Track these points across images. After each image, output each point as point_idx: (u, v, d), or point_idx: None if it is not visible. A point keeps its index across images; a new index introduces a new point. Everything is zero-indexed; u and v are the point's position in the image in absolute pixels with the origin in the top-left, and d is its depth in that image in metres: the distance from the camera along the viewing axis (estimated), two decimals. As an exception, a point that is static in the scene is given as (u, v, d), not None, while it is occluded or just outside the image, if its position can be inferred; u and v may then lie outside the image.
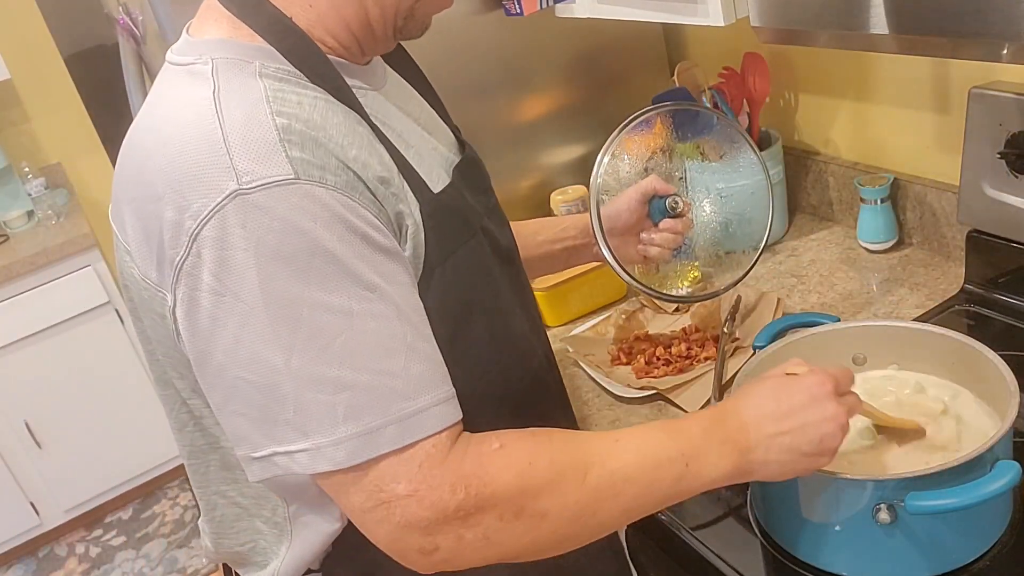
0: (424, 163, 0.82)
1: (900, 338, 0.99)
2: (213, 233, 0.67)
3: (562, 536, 0.75)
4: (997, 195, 1.19)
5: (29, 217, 2.87)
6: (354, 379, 0.68)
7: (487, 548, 0.72)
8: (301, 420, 0.68)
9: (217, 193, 0.66)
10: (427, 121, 0.91)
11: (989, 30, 0.76)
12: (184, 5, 0.81)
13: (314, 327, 0.67)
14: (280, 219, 0.66)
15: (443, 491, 0.70)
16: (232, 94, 0.70)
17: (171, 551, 2.84)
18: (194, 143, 0.69)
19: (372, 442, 0.69)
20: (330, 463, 0.69)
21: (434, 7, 0.84)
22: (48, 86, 2.99)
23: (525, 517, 0.72)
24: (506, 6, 1.51)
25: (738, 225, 1.28)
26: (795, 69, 1.56)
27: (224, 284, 0.67)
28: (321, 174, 0.69)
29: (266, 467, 0.72)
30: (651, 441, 0.78)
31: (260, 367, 0.68)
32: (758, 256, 1.24)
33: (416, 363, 0.71)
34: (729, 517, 1.00)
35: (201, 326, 0.70)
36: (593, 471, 0.74)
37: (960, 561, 0.84)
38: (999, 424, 0.83)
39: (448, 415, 0.72)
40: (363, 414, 0.68)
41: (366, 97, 0.80)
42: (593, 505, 0.74)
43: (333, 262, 0.68)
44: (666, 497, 0.78)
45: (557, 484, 0.73)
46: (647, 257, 1.17)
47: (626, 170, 1.20)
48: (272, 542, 0.88)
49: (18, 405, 2.72)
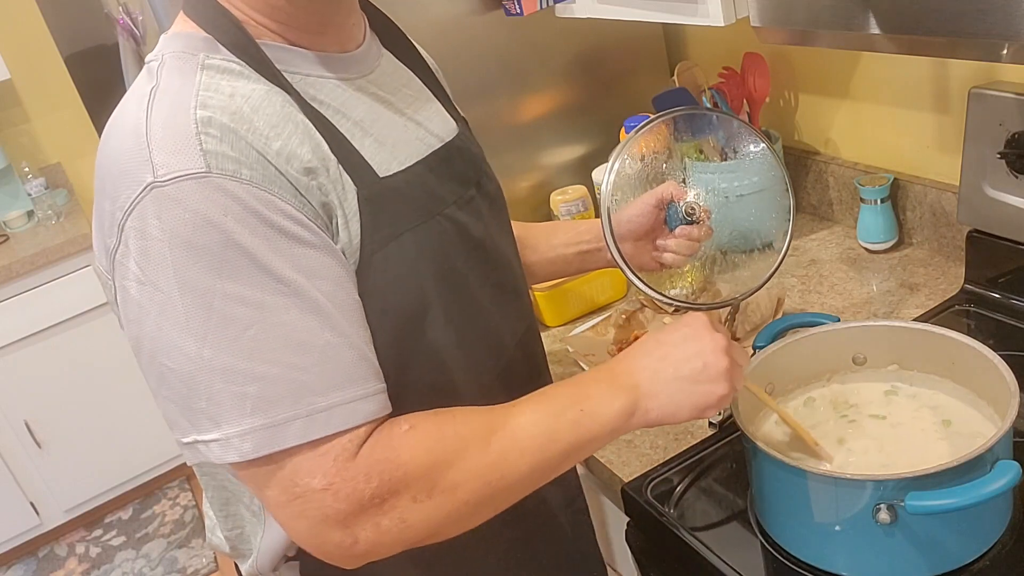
0: (385, 150, 0.82)
1: (900, 338, 0.99)
2: (135, 224, 0.69)
3: (476, 504, 0.75)
4: (997, 195, 1.19)
5: (29, 217, 2.88)
6: (264, 371, 0.69)
7: (405, 531, 0.73)
8: (213, 410, 0.69)
9: (137, 185, 0.68)
10: (419, 109, 0.90)
11: (989, 30, 0.76)
12: (184, 5, 0.82)
13: (225, 318, 0.68)
14: (192, 211, 0.67)
15: (358, 482, 0.70)
16: (168, 91, 0.73)
17: (171, 551, 2.84)
18: (125, 137, 0.71)
19: (278, 435, 0.69)
20: (237, 454, 0.70)
21: None
22: (48, 86, 2.99)
23: (437, 493, 0.73)
24: (506, 6, 1.51)
25: (753, 224, 1.27)
26: (795, 69, 1.56)
27: (146, 274, 0.69)
28: (236, 168, 0.69)
29: (193, 453, 0.73)
30: (545, 395, 0.81)
31: (178, 355, 0.69)
32: (782, 259, 1.19)
33: (332, 359, 0.71)
34: (729, 517, 1.00)
35: (131, 314, 0.72)
36: (496, 434, 0.76)
37: (960, 561, 0.84)
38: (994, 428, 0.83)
39: (363, 412, 0.73)
40: (271, 407, 0.69)
41: (323, 86, 0.81)
42: (500, 466, 0.75)
43: (245, 255, 0.69)
44: (570, 446, 0.79)
45: (463, 453, 0.74)
46: (662, 264, 1.15)
47: (637, 171, 1.19)
48: (254, 530, 0.89)
49: (18, 405, 2.72)
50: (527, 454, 0.76)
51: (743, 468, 0.97)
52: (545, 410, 0.79)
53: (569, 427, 0.78)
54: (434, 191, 0.86)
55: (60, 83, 2.86)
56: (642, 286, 1.13)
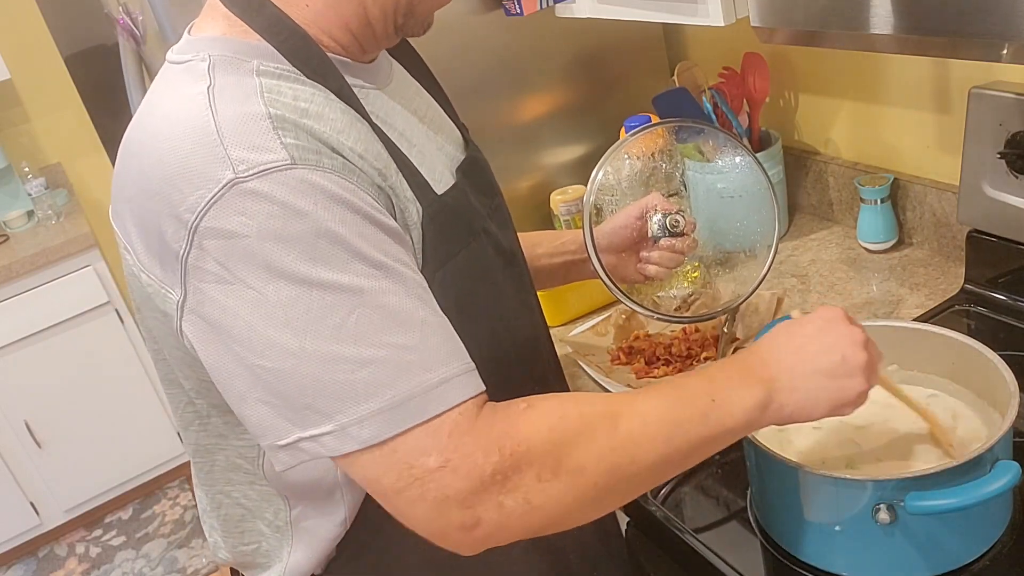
0: (427, 163, 0.82)
1: (900, 338, 0.99)
2: (213, 223, 0.66)
3: (603, 490, 0.72)
4: (997, 195, 1.19)
5: (29, 217, 2.88)
6: (372, 355, 0.67)
7: (530, 514, 0.69)
8: (323, 402, 0.67)
9: (214, 184, 0.66)
10: (433, 119, 0.90)
11: (989, 30, 0.76)
12: (184, 5, 0.82)
13: (325, 307, 0.67)
14: (280, 203, 0.66)
15: (476, 457, 0.68)
16: (226, 89, 0.70)
17: (171, 551, 2.84)
18: (188, 137, 0.68)
19: (397, 417, 0.67)
20: (356, 442, 0.67)
21: (435, 3, 0.83)
22: (48, 86, 2.99)
23: (563, 473, 0.70)
24: (506, 6, 1.51)
25: (740, 226, 1.27)
26: (795, 69, 1.56)
27: (232, 272, 0.67)
28: (317, 158, 0.68)
29: (294, 454, 0.70)
30: (673, 386, 0.77)
31: (276, 353, 0.67)
32: (763, 276, 1.21)
33: (432, 336, 0.70)
34: (729, 517, 1.00)
35: (214, 317, 0.69)
36: (623, 418, 0.73)
37: (960, 561, 0.84)
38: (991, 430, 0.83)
39: (471, 384, 0.71)
40: (385, 390, 0.67)
41: (368, 96, 0.80)
42: (630, 450, 0.72)
43: (338, 242, 0.67)
44: (700, 438, 0.75)
45: (589, 434, 0.71)
46: (646, 276, 1.14)
47: (627, 174, 1.19)
48: (274, 545, 0.88)
49: (18, 405, 2.72)
50: (657, 441, 0.73)
51: (743, 468, 0.97)
52: (674, 397, 0.75)
53: (699, 417, 0.74)
54: (474, 206, 0.85)
55: (60, 83, 2.86)
56: (623, 298, 1.12)
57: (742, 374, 0.77)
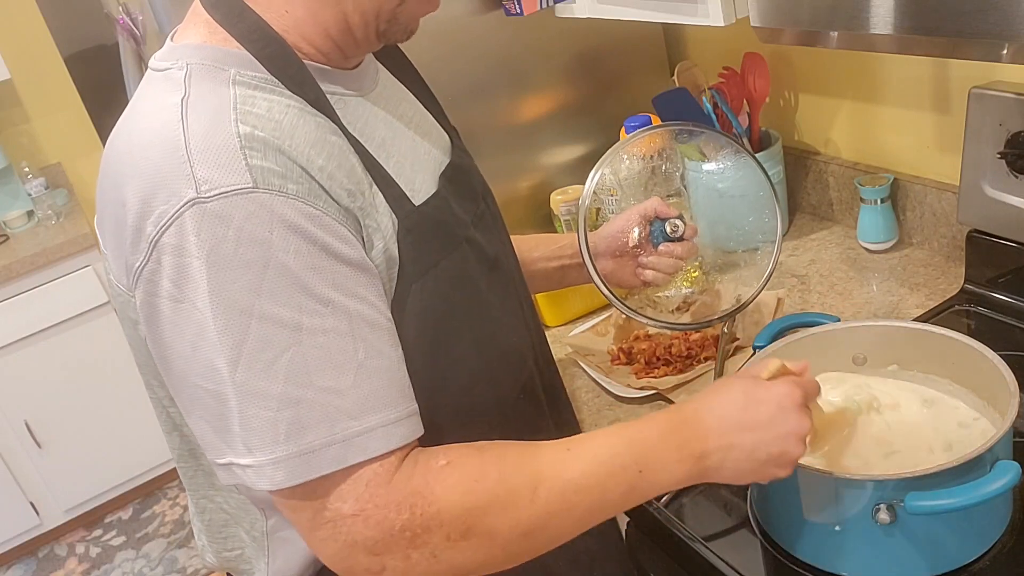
0: (407, 172, 0.81)
1: (900, 338, 0.99)
2: (172, 240, 0.67)
3: (514, 552, 0.74)
4: (997, 195, 1.19)
5: (29, 217, 2.87)
6: (299, 396, 0.67)
7: (435, 566, 0.71)
8: (245, 435, 0.68)
9: (177, 200, 0.66)
10: (420, 124, 0.89)
11: (989, 30, 0.76)
12: (184, 5, 0.82)
13: (261, 340, 0.67)
14: (236, 228, 0.66)
15: (389, 510, 0.69)
16: (200, 100, 0.70)
17: (171, 551, 2.84)
18: (158, 149, 0.69)
19: (313, 463, 0.68)
20: (270, 482, 0.68)
21: (419, 10, 0.81)
22: (48, 86, 2.99)
23: (473, 536, 0.71)
24: (506, 6, 1.51)
25: (740, 227, 1.27)
26: (795, 69, 1.56)
27: (183, 291, 0.67)
28: (282, 183, 0.68)
29: (227, 475, 0.71)
30: (605, 449, 0.77)
31: (213, 376, 0.68)
32: (762, 286, 1.20)
33: (367, 381, 0.70)
34: (729, 517, 1.00)
35: (163, 332, 0.70)
36: (544, 486, 0.73)
37: (960, 561, 0.84)
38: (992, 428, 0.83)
39: (398, 436, 0.71)
40: (305, 433, 0.67)
41: (347, 105, 0.79)
42: (544, 520, 0.73)
43: (286, 275, 0.67)
44: (618, 506, 0.77)
45: (506, 502, 0.72)
46: (644, 281, 1.14)
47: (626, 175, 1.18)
48: (256, 553, 0.88)
49: (18, 405, 2.72)
50: (575, 511, 0.74)
51: (743, 468, 0.97)
52: (603, 464, 0.76)
53: (624, 490, 0.76)
54: (456, 214, 0.85)
55: (60, 83, 2.85)
56: (619, 305, 1.11)
57: (678, 445, 0.77)
